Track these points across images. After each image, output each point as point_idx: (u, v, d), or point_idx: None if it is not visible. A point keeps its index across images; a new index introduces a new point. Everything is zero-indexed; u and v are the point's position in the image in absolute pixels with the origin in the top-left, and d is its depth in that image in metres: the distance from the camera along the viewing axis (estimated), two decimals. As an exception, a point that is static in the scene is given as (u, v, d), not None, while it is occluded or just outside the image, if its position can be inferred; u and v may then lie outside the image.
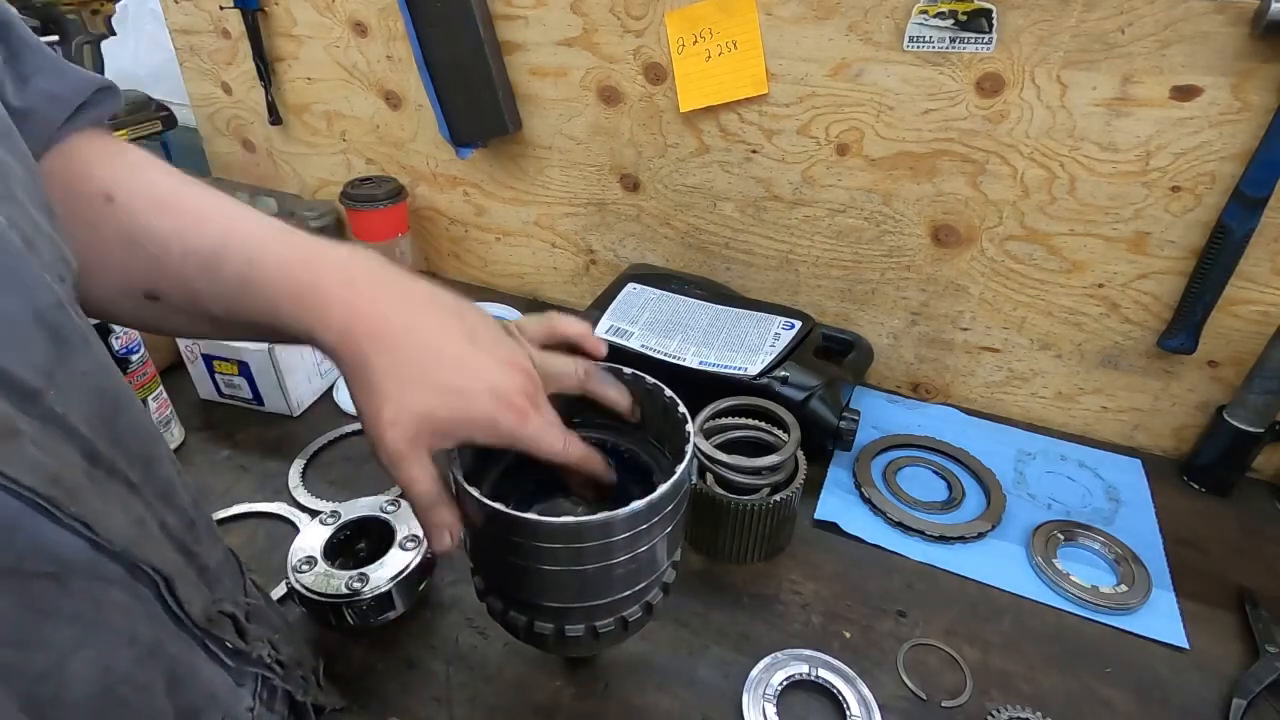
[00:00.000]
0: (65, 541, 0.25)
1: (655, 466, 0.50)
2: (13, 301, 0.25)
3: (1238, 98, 0.62)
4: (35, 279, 0.26)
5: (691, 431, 0.45)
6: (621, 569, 0.43)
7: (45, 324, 0.26)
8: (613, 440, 0.51)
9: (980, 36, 0.68)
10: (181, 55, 1.17)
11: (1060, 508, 0.72)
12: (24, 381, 0.24)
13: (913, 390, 0.89)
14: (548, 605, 0.44)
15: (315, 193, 1.19)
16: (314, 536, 0.59)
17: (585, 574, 0.42)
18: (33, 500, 0.24)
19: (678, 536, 0.47)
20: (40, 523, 0.24)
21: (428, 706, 0.54)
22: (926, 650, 0.59)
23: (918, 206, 0.78)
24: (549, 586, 0.43)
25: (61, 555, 0.25)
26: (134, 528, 0.28)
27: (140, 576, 0.28)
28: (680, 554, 0.50)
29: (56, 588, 0.24)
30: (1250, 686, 0.55)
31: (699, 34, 0.78)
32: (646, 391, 0.48)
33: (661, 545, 0.44)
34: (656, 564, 0.45)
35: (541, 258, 1.05)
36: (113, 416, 0.29)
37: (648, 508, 0.40)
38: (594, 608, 0.44)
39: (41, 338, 0.26)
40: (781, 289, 0.90)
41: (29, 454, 0.24)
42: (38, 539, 0.24)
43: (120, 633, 0.27)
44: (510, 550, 0.42)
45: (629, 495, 0.47)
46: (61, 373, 0.26)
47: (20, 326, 0.25)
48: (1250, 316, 0.70)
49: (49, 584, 0.24)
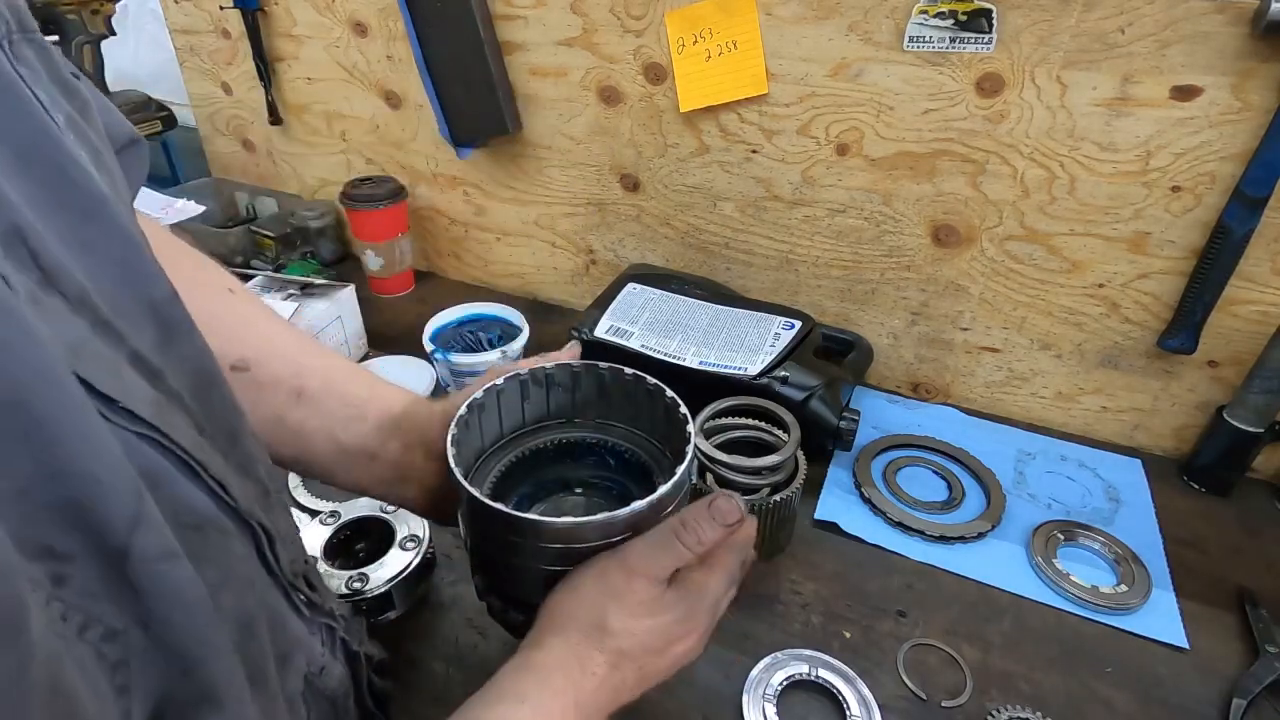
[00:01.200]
0: (201, 499, 0.28)
1: (656, 467, 0.50)
2: (132, 291, 0.29)
3: (1238, 98, 0.62)
4: (153, 271, 0.30)
5: (693, 433, 0.44)
6: None
7: (158, 313, 0.30)
8: (613, 440, 0.51)
9: (980, 36, 0.68)
10: (181, 55, 1.17)
11: (1060, 508, 0.72)
12: (150, 361, 0.28)
13: (913, 390, 0.89)
14: None
15: (315, 193, 1.19)
16: (314, 536, 0.59)
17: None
18: (184, 461, 0.27)
19: None
20: (184, 482, 0.27)
21: (428, 706, 0.54)
22: (926, 650, 0.59)
23: (918, 206, 0.78)
24: (548, 586, 0.42)
25: (199, 510, 0.28)
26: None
27: (246, 532, 0.31)
28: None
29: (200, 538, 0.27)
30: (1250, 686, 0.55)
31: (699, 34, 0.78)
32: (648, 392, 0.48)
33: None
34: None
35: (541, 258, 1.05)
36: (207, 394, 0.32)
37: (648, 508, 0.40)
38: None
39: (153, 323, 0.29)
40: (781, 289, 0.90)
41: (179, 422, 0.27)
42: (186, 495, 0.27)
43: (243, 578, 0.31)
44: (509, 550, 0.41)
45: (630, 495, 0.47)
46: (170, 355, 0.29)
47: (135, 313, 0.28)
48: (1250, 316, 0.70)
49: (195, 534, 0.27)
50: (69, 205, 0.27)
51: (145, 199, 1.04)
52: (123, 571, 0.23)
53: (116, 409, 0.24)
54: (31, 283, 0.23)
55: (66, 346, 0.23)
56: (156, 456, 0.26)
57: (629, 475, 0.51)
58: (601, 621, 0.38)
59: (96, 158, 0.30)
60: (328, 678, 0.39)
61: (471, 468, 0.49)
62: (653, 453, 0.51)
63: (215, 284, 0.49)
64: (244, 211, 1.20)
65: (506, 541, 0.41)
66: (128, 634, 0.23)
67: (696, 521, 0.40)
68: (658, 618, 0.39)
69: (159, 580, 0.24)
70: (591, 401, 0.51)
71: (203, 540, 0.28)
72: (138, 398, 0.25)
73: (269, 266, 1.06)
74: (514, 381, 0.49)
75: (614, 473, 0.52)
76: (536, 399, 0.51)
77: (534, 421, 0.52)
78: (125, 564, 0.23)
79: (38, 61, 0.29)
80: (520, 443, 0.52)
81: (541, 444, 0.52)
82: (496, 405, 0.49)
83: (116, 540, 0.23)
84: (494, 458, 0.51)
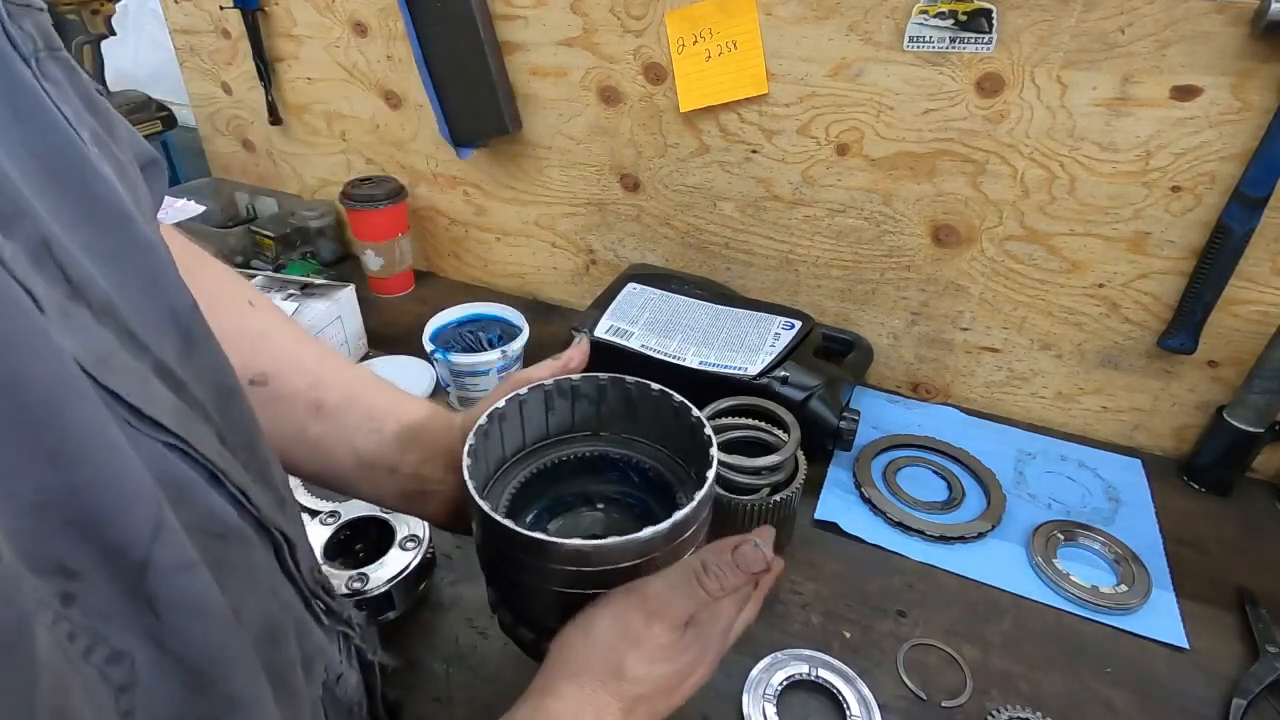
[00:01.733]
0: (224, 508, 0.28)
1: (679, 486, 0.49)
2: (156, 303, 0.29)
3: (1238, 98, 0.62)
4: (176, 283, 0.30)
5: (715, 456, 0.43)
6: None
7: (179, 323, 0.30)
8: (637, 456, 0.50)
9: (980, 36, 0.68)
10: (181, 55, 1.17)
11: (1060, 508, 0.72)
12: (174, 372, 0.28)
13: (913, 390, 0.89)
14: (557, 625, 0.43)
15: (315, 193, 1.19)
16: (314, 536, 0.59)
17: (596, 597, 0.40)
18: (208, 470, 0.27)
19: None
20: (208, 490, 0.27)
21: (428, 706, 0.54)
22: (926, 650, 0.59)
23: (918, 206, 0.78)
24: (559, 607, 0.41)
25: (223, 519, 0.28)
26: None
27: (267, 540, 0.32)
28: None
29: (224, 546, 0.28)
30: (1250, 686, 0.55)
31: (699, 34, 0.78)
32: (673, 409, 0.47)
33: None
34: None
35: (541, 258, 1.05)
36: (227, 405, 0.32)
37: (664, 534, 0.39)
38: None
39: (175, 334, 0.30)
40: (781, 289, 0.90)
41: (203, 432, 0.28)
42: (210, 504, 0.27)
43: (266, 586, 0.31)
44: (520, 568, 0.40)
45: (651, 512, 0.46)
46: (192, 366, 0.30)
47: (160, 324, 0.29)
48: (1250, 316, 0.70)
49: (219, 543, 0.27)
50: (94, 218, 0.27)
51: (145, 199, 1.04)
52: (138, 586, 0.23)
53: (143, 419, 0.25)
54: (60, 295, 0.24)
55: (95, 358, 0.23)
56: (183, 466, 0.26)
57: (652, 492, 0.50)
58: (619, 669, 0.37)
59: (121, 172, 0.31)
60: (344, 686, 0.39)
61: (491, 478, 0.48)
62: (676, 471, 0.49)
63: (236, 297, 0.49)
64: (244, 211, 1.20)
65: (517, 559, 0.40)
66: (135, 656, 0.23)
67: (720, 569, 0.39)
68: (675, 662, 0.39)
69: (178, 591, 0.24)
70: (616, 415, 0.50)
71: (226, 549, 0.28)
72: (164, 408, 0.26)
73: (269, 266, 1.06)
74: (538, 392, 0.48)
75: (637, 489, 0.51)
76: (561, 410, 0.50)
77: (557, 433, 0.51)
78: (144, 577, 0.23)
79: (64, 78, 0.29)
80: (542, 454, 0.51)
81: (564, 456, 0.51)
82: (519, 415, 0.48)
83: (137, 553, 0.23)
84: (515, 469, 0.50)
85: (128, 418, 0.24)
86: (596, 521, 0.51)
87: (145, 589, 0.23)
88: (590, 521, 0.51)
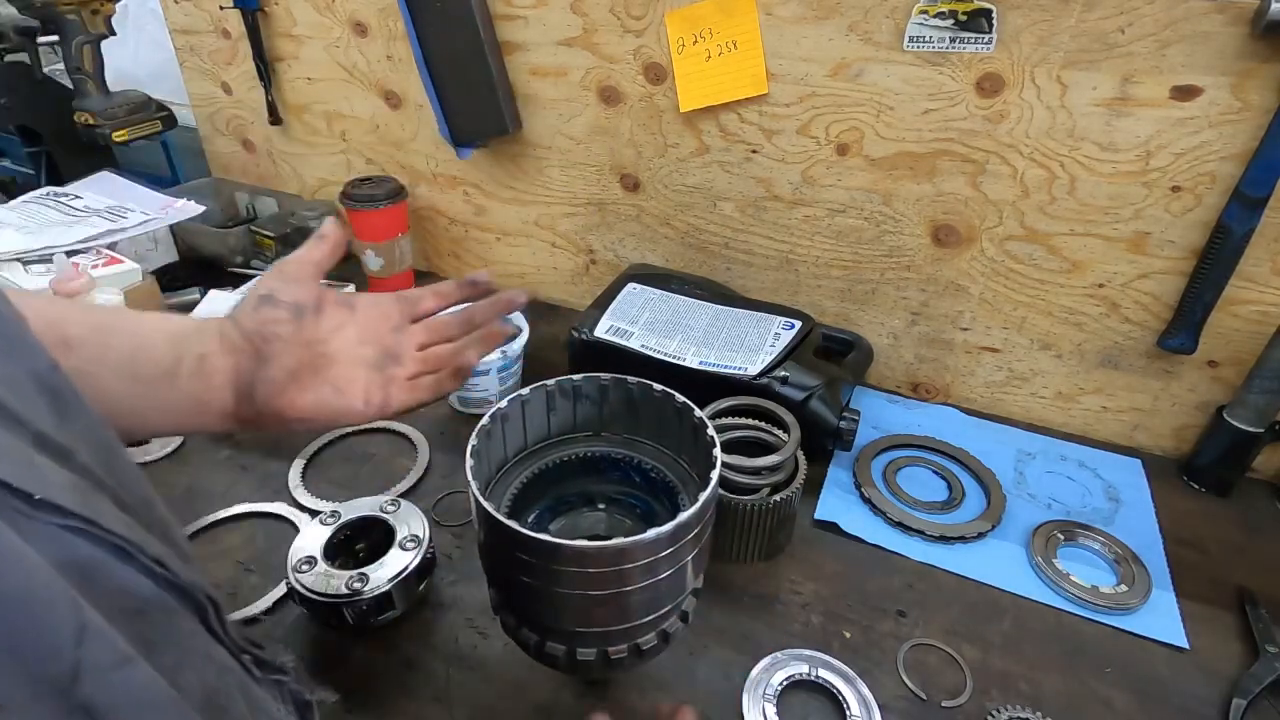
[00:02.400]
0: (141, 582, 0.26)
1: (682, 487, 0.49)
2: (17, 367, 0.26)
3: (1238, 98, 0.62)
4: (31, 344, 0.28)
5: (719, 457, 0.43)
6: (638, 596, 0.41)
7: (45, 386, 0.28)
8: (639, 457, 0.50)
9: (980, 36, 0.68)
10: (181, 55, 1.17)
11: (1060, 508, 0.72)
12: (54, 440, 0.26)
13: (913, 390, 0.89)
14: (560, 627, 0.43)
15: (315, 193, 1.19)
16: (314, 536, 0.59)
17: (598, 599, 0.40)
18: (118, 546, 0.25)
19: (701, 563, 0.45)
20: (120, 568, 0.25)
21: (428, 706, 0.54)
22: (926, 650, 0.59)
23: (918, 206, 0.78)
24: (561, 608, 0.42)
25: (139, 594, 0.26)
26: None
27: (190, 605, 0.30)
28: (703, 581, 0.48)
29: (147, 622, 0.26)
30: (1250, 686, 0.55)
31: (699, 34, 0.78)
32: (676, 410, 0.47)
33: (681, 574, 0.42)
34: (675, 592, 0.44)
35: (541, 258, 1.05)
36: (112, 463, 0.30)
37: (667, 535, 0.39)
38: (608, 633, 0.43)
39: (44, 399, 0.27)
40: (781, 289, 0.90)
41: (104, 506, 0.26)
42: (122, 581, 0.25)
43: (199, 653, 0.29)
44: (522, 568, 0.40)
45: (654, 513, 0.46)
46: (68, 429, 0.27)
47: (27, 390, 0.26)
48: (1250, 316, 0.70)
49: (141, 620, 0.26)
50: None
51: (145, 199, 1.04)
52: (70, 699, 0.21)
53: (37, 504, 0.22)
54: None
55: None
56: (86, 546, 0.24)
57: (654, 493, 0.50)
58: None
59: None
60: None
61: (493, 478, 0.48)
62: (678, 471, 0.49)
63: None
64: (244, 211, 1.20)
65: (520, 560, 0.40)
66: None
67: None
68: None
69: (116, 691, 0.22)
70: (619, 416, 0.50)
71: (149, 625, 0.26)
72: (57, 486, 0.24)
73: (269, 266, 1.06)
74: (540, 392, 0.48)
75: (638, 489, 0.51)
76: (563, 410, 0.50)
77: (559, 433, 0.51)
78: (74, 688, 0.21)
79: None
80: (544, 454, 0.51)
81: (566, 456, 0.51)
82: (521, 415, 0.48)
83: (62, 664, 0.21)
84: (517, 469, 0.50)
85: (19, 506, 0.22)
86: (599, 522, 0.51)
87: (78, 699, 0.21)
88: (592, 522, 0.51)
